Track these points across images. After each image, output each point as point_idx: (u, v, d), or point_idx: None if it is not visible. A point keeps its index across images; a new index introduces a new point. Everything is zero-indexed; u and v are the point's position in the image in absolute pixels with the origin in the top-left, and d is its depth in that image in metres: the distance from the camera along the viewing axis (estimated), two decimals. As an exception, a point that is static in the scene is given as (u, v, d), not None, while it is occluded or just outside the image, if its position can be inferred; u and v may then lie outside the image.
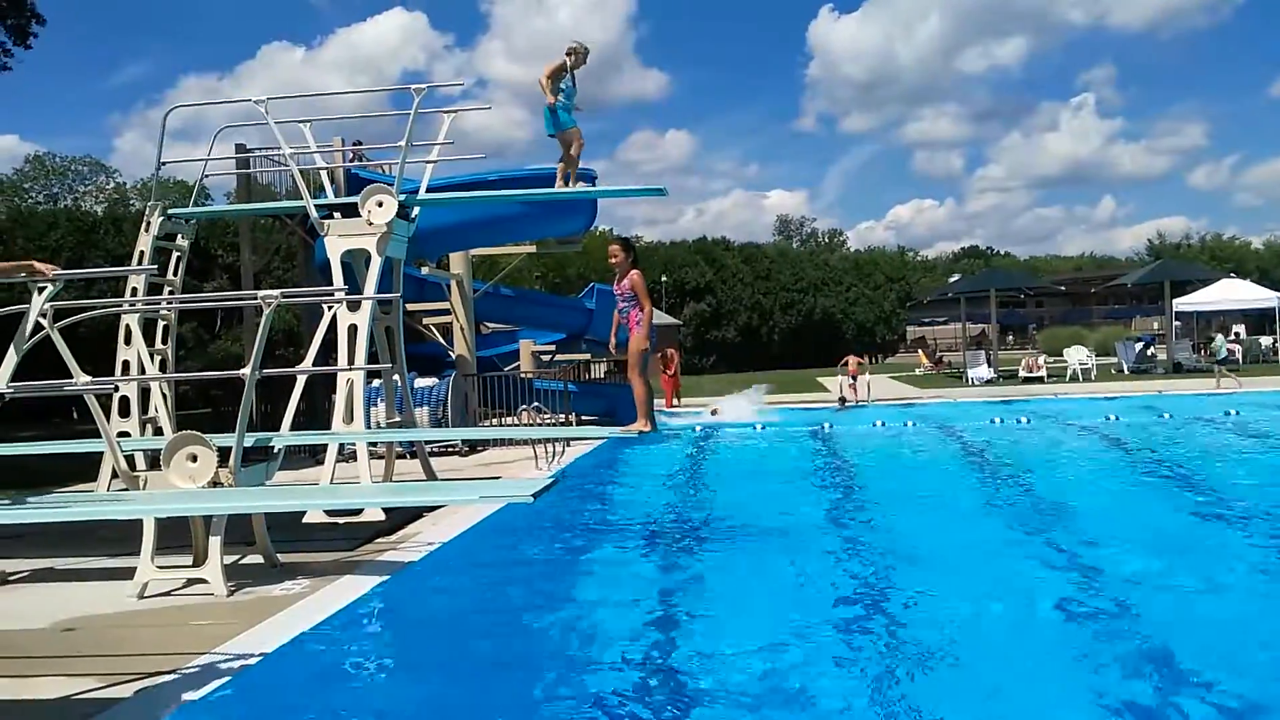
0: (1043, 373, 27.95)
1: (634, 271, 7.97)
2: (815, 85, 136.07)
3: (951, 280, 49.77)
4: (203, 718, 4.05)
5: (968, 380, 28.05)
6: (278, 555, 6.79)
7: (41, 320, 6.41)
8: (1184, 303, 31.13)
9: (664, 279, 64.15)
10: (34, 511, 4.85)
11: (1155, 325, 46.17)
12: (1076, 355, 28.07)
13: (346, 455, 9.90)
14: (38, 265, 5.87)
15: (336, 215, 9.81)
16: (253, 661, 4.63)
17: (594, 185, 15.93)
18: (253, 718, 4.30)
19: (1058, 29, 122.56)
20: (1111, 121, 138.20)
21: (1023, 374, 28.16)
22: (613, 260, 8.66)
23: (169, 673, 4.47)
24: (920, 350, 45.06)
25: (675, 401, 23.11)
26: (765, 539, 7.80)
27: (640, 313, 8.03)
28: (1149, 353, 30.66)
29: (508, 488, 6.51)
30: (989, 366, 28.79)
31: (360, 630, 5.57)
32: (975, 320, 37.61)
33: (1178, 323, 32.62)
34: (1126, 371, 28.82)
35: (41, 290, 6.35)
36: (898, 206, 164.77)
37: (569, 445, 12.30)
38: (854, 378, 21.60)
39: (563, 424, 14.49)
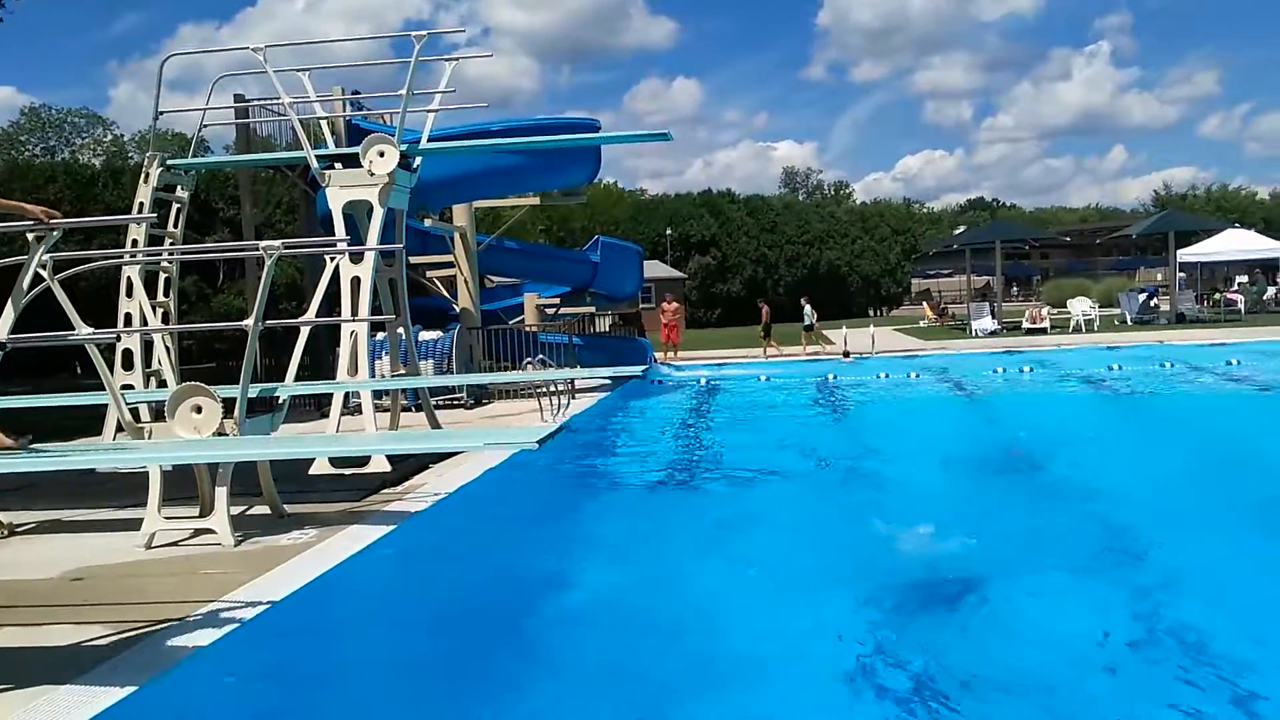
0: (1045, 324, 27.88)
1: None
2: (826, 33, 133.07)
3: (957, 232, 49.41)
4: (211, 664, 4.07)
5: (971, 332, 28.01)
6: (285, 507, 6.82)
7: (41, 271, 6.36)
8: (1188, 253, 30.87)
9: (669, 232, 63.86)
10: (39, 460, 4.84)
11: (1159, 276, 45.80)
12: (1079, 306, 27.97)
13: (351, 408, 9.91)
14: (29, 208, 5.70)
15: (338, 166, 9.73)
16: (261, 609, 4.65)
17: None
18: (261, 664, 4.32)
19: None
20: (1125, 70, 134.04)
21: (1026, 326, 28.10)
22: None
23: (177, 620, 4.49)
24: (925, 303, 44.91)
25: (672, 354, 23.08)
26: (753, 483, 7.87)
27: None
28: (1152, 304, 30.53)
29: (513, 435, 6.48)
30: (993, 318, 28.74)
31: (367, 578, 5.59)
32: (980, 272, 37.31)
33: (1182, 274, 32.38)
34: (1129, 322, 28.71)
35: (40, 240, 6.29)
36: (907, 157, 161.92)
37: (574, 397, 12.32)
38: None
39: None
